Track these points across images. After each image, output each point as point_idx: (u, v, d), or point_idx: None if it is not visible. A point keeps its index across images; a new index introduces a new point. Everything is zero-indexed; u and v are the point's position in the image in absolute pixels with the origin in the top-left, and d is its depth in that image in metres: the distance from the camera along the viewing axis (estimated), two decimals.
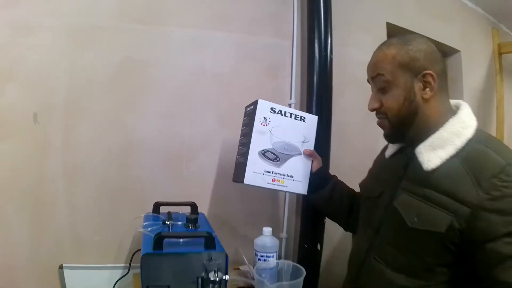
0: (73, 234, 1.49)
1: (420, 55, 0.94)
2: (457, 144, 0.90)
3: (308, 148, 1.32)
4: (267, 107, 1.26)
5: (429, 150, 0.93)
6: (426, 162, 0.92)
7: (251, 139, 1.23)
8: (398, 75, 0.95)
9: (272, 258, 1.26)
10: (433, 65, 0.94)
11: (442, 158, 0.90)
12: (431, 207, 0.88)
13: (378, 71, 0.98)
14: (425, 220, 0.88)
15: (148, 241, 1.04)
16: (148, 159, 1.57)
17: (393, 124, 0.99)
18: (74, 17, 1.48)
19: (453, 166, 0.88)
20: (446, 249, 0.87)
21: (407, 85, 0.95)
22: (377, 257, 1.00)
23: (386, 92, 0.98)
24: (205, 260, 1.00)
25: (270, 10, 1.74)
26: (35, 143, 1.45)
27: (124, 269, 1.49)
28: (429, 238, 0.88)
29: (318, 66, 1.60)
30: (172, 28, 1.60)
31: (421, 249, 0.90)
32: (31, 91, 1.45)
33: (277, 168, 1.25)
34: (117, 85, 1.53)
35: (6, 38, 1.41)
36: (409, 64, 0.94)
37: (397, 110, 0.97)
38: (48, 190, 1.47)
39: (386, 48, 0.98)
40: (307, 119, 1.33)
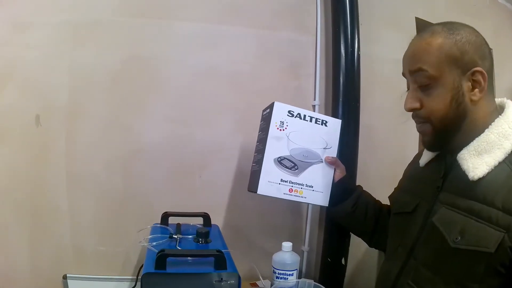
0: (76, 243, 1.46)
1: (470, 48, 0.81)
2: (506, 148, 0.78)
3: (330, 155, 1.22)
4: (284, 110, 1.17)
5: (474, 156, 0.81)
6: (472, 170, 0.80)
7: (266, 145, 1.15)
8: (444, 70, 0.82)
9: (292, 276, 1.17)
10: (483, 61, 0.81)
11: (489, 164, 0.78)
12: (477, 223, 0.76)
13: (420, 65, 0.84)
14: (471, 238, 0.76)
15: (151, 257, 0.94)
16: (156, 166, 1.53)
17: (437, 130, 0.86)
18: (73, 12, 1.45)
19: (503, 174, 0.77)
20: (495, 273, 0.74)
21: (455, 84, 0.82)
22: (411, 282, 0.87)
23: (429, 90, 0.85)
24: (215, 281, 0.90)
25: (291, 1, 1.66)
26: (35, 147, 1.43)
27: (131, 281, 1.44)
28: (475, 259, 0.75)
29: (344, 64, 1.51)
30: (180, 22, 1.55)
31: (465, 273, 0.77)
32: (30, 92, 1.43)
33: (295, 177, 1.16)
34: (121, 86, 1.50)
35: (3, 36, 1.40)
36: (458, 58, 0.81)
37: (443, 113, 0.84)
38: (49, 197, 1.44)
39: (430, 36, 0.84)
40: (330, 123, 1.23)
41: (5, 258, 1.41)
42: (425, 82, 0.84)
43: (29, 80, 1.41)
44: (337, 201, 1.22)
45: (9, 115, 1.39)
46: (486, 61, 0.82)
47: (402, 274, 0.91)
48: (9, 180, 1.40)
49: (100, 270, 1.47)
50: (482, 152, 0.80)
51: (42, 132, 1.42)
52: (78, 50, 1.45)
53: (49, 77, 1.42)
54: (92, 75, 1.46)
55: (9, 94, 1.39)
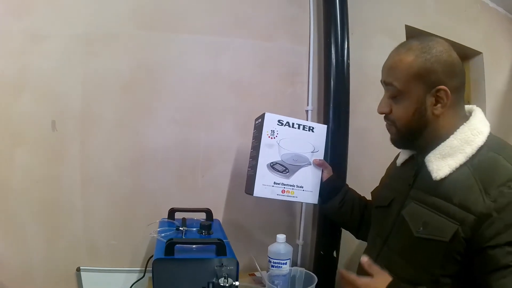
0: (89, 238, 1.54)
1: (438, 67, 0.89)
2: (467, 152, 0.88)
3: (318, 158, 1.33)
4: (274, 120, 1.28)
5: (439, 159, 0.91)
6: (436, 171, 0.90)
7: (259, 152, 1.25)
8: (411, 86, 0.92)
9: (286, 265, 1.27)
10: (451, 79, 0.90)
11: (451, 166, 0.88)
12: (438, 216, 0.87)
13: (391, 80, 0.95)
14: (431, 229, 0.87)
15: (161, 246, 1.05)
16: (163, 166, 1.59)
17: (400, 133, 0.99)
18: (86, 26, 1.51)
19: (463, 175, 0.87)
20: (452, 260, 0.85)
21: (419, 98, 0.92)
22: (385, 269, 0.96)
23: (397, 100, 0.96)
24: (216, 266, 1.01)
25: (286, 14, 1.74)
26: (52, 150, 1.50)
27: (140, 272, 1.53)
28: (435, 248, 0.86)
29: (335, 71, 1.59)
30: (186, 35, 1.62)
31: (429, 260, 0.88)
32: (47, 99, 1.49)
33: (287, 179, 1.27)
34: (130, 93, 1.56)
35: (19, 47, 1.46)
36: (425, 76, 0.90)
37: (405, 121, 0.95)
38: (64, 196, 1.51)
39: (404, 53, 0.93)
40: (316, 129, 1.34)
41: (23, 252, 1.49)
42: (395, 94, 0.95)
43: (45, 88, 1.48)
44: (326, 199, 1.32)
45: (27, 120, 1.46)
46: (454, 79, 0.90)
47: (377, 261, 1.00)
48: (27, 180, 1.47)
49: (111, 262, 1.55)
50: (446, 156, 0.90)
51: (58, 136, 1.49)
52: (91, 60, 1.51)
53: (63, 85, 1.49)
54: (104, 83, 1.53)
55: (26, 101, 1.46)
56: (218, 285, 0.97)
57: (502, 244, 0.77)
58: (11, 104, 1.45)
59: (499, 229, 0.78)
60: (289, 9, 1.74)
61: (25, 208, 1.48)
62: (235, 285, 0.98)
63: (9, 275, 1.47)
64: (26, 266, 1.49)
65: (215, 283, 0.99)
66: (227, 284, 0.97)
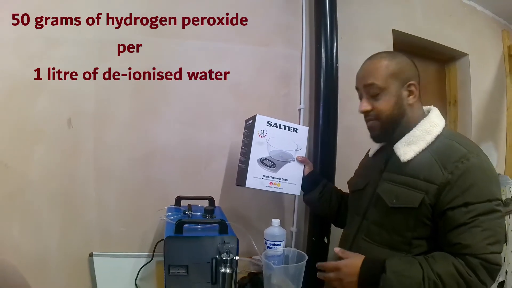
0: (101, 226, 1.64)
1: (406, 67, 1.13)
2: (428, 140, 1.09)
3: (301, 155, 1.50)
4: (264, 121, 1.45)
5: (405, 146, 1.11)
6: (403, 155, 1.10)
7: (251, 149, 1.41)
8: (389, 83, 1.12)
9: (280, 246, 1.40)
10: (415, 77, 1.14)
11: (415, 151, 1.09)
12: (407, 190, 1.06)
13: (372, 80, 1.13)
14: (402, 200, 1.06)
15: (171, 227, 1.20)
16: (170, 161, 1.70)
17: (383, 125, 1.16)
18: (99, 32, 1.61)
19: (425, 157, 1.07)
20: (421, 224, 1.04)
21: (397, 92, 1.12)
22: (365, 237, 1.16)
23: (378, 97, 1.14)
24: (219, 243, 1.16)
25: (281, 22, 1.86)
26: (68, 146, 1.59)
27: (148, 257, 1.63)
28: (407, 214, 1.05)
29: (324, 74, 1.73)
30: (191, 41, 1.72)
31: (401, 225, 1.07)
32: (63, 99, 1.58)
33: (274, 173, 1.44)
34: (140, 94, 1.66)
35: (38, 51, 1.55)
36: (399, 74, 1.12)
37: (389, 112, 1.13)
38: (79, 188, 1.61)
39: (378, 61, 1.14)
40: (299, 130, 1.51)
41: (39, 240, 1.57)
42: (376, 92, 1.13)
43: (62, 89, 1.56)
44: (307, 190, 1.51)
45: (45, 118, 1.55)
46: (417, 77, 1.15)
47: (358, 233, 1.19)
48: (45, 174, 1.56)
49: (122, 248, 1.65)
50: (410, 143, 1.10)
51: (74, 133, 1.59)
52: (103, 64, 1.60)
53: (78, 87, 1.58)
54: (116, 85, 1.62)
55: (44, 101, 1.55)
56: (221, 259, 1.12)
57: (459, 206, 0.98)
58: (30, 104, 1.54)
59: (456, 194, 0.99)
60: (284, 18, 1.86)
61: (42, 199, 1.56)
62: (235, 259, 1.13)
63: (25, 261, 1.55)
64: (42, 252, 1.57)
65: (218, 258, 1.14)
66: (229, 259, 1.11)
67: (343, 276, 1.07)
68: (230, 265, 1.11)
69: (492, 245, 0.96)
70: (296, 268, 1.26)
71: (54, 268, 1.60)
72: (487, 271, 0.95)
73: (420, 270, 0.98)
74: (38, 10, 1.54)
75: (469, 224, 0.96)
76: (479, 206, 0.97)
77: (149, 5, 1.68)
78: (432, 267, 0.97)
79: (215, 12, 1.73)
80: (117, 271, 1.64)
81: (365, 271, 1.05)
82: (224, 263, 1.11)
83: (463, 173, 0.99)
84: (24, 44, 1.54)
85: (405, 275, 0.99)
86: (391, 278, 0.99)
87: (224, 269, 1.11)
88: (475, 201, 0.98)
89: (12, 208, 1.55)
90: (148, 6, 1.67)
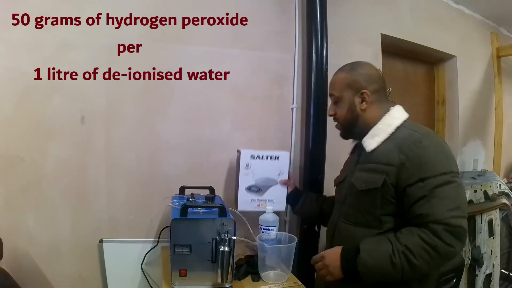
0: (111, 214, 1.75)
1: (360, 78, 1.30)
2: (389, 131, 1.25)
3: (283, 178, 1.71)
4: (248, 155, 1.68)
5: (370, 138, 1.28)
6: (368, 145, 1.28)
7: (239, 180, 1.68)
8: (344, 93, 1.33)
9: (273, 231, 1.54)
10: (370, 85, 1.30)
11: (378, 142, 1.26)
12: (373, 174, 1.23)
13: (332, 91, 1.38)
14: (369, 183, 1.23)
15: (176, 211, 1.35)
16: (174, 155, 1.81)
17: (343, 126, 1.38)
18: (107, 37, 1.69)
19: (387, 146, 1.23)
20: (387, 201, 1.20)
21: (350, 100, 1.32)
22: (343, 219, 1.33)
23: (337, 104, 1.36)
24: (218, 225, 1.31)
25: (276, 29, 1.98)
26: (80, 141, 1.68)
27: (154, 243, 1.76)
28: (373, 194, 1.21)
29: (315, 76, 1.87)
30: (193, 46, 1.82)
31: (370, 205, 1.23)
32: (76, 99, 1.67)
33: (260, 196, 1.69)
34: (147, 94, 1.76)
35: (52, 55, 1.63)
36: (352, 84, 1.31)
37: (344, 117, 1.35)
38: (90, 180, 1.71)
39: (338, 74, 1.37)
40: (281, 157, 1.72)
41: (53, 228, 1.67)
42: (336, 100, 1.37)
43: (75, 89, 1.64)
44: (293, 205, 1.72)
45: (59, 116, 1.64)
46: (374, 85, 1.30)
47: (339, 218, 1.36)
48: (58, 167, 1.65)
49: (129, 234, 1.76)
50: (374, 136, 1.28)
51: (86, 129, 1.68)
52: (113, 66, 1.68)
53: (91, 87, 1.66)
54: (125, 85, 1.70)
55: (58, 100, 1.63)
56: (220, 239, 1.27)
57: (416, 182, 1.13)
58: (46, 102, 1.63)
59: (411, 172, 1.14)
60: (278, 25, 1.98)
61: (55, 191, 1.66)
62: (233, 239, 1.29)
63: (39, 248, 1.66)
64: (55, 239, 1.67)
65: (218, 239, 1.29)
66: (227, 238, 1.27)
67: (328, 262, 1.24)
68: (228, 244, 1.26)
69: (452, 211, 1.09)
70: (287, 248, 1.42)
71: (66, 254, 1.71)
72: (451, 234, 1.07)
73: (389, 245, 1.13)
74: (52, 15, 1.62)
75: (427, 197, 1.11)
76: (434, 180, 1.11)
77: (149, 5, 1.75)
78: (399, 241, 1.12)
79: (215, 12, 1.82)
80: (125, 256, 1.75)
81: (344, 255, 1.22)
82: (223, 243, 1.26)
83: (416, 154, 1.15)
84: (40, 47, 1.63)
85: (377, 251, 1.15)
86: (364, 257, 1.16)
87: (223, 247, 1.26)
88: (429, 175, 1.12)
89: (27, 199, 1.65)
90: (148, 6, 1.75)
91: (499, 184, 2.78)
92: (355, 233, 1.26)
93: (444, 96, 3.00)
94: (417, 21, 2.55)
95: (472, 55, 3.02)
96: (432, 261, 1.09)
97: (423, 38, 2.58)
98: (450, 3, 2.80)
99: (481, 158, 3.18)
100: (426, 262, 1.09)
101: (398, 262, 1.10)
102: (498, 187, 2.76)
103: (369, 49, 2.25)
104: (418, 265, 1.09)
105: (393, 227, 1.20)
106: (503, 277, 2.70)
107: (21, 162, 1.63)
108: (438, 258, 1.09)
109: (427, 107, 3.02)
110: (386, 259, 1.12)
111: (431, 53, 2.77)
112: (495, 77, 3.19)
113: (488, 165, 3.19)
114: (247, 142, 1.89)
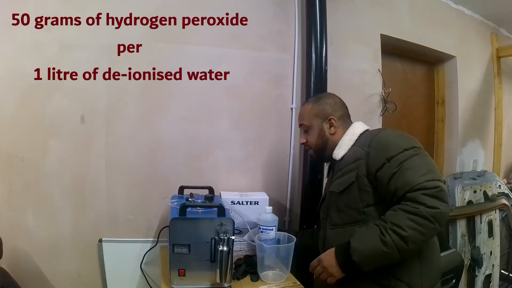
0: (110, 214, 1.75)
1: (326, 107, 1.44)
2: (353, 139, 1.38)
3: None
4: (228, 201, 1.70)
5: (338, 149, 1.40)
6: (336, 154, 1.40)
7: None
8: (312, 121, 1.45)
9: (272, 231, 1.54)
10: (336, 111, 1.44)
11: (345, 149, 1.37)
12: (346, 175, 1.32)
13: (301, 121, 1.50)
14: (344, 183, 1.32)
15: (175, 211, 1.35)
16: (173, 154, 1.82)
17: (315, 152, 1.48)
18: (110, 37, 1.70)
19: (353, 149, 1.35)
20: (365, 192, 1.27)
21: (319, 127, 1.44)
22: (331, 227, 1.37)
23: (308, 132, 1.48)
24: (217, 225, 1.31)
25: (275, 29, 1.99)
26: (81, 140, 1.69)
27: (153, 242, 1.76)
28: (352, 190, 1.29)
29: (314, 76, 1.87)
30: (192, 46, 1.83)
31: (351, 200, 1.30)
32: (76, 98, 1.68)
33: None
34: (147, 94, 1.77)
35: (54, 55, 1.65)
36: (319, 113, 1.44)
37: (315, 143, 1.46)
38: (90, 180, 1.72)
39: (306, 105, 1.49)
40: (260, 201, 1.75)
41: (53, 226, 1.68)
42: (306, 129, 1.48)
43: (74, 89, 1.66)
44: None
45: (59, 116, 1.65)
46: (339, 111, 1.44)
47: (326, 227, 1.40)
48: (59, 166, 1.67)
49: (129, 234, 1.76)
50: (341, 146, 1.39)
51: (86, 129, 1.69)
52: (113, 66, 1.70)
53: (91, 86, 1.67)
54: (125, 85, 1.72)
55: (59, 99, 1.65)
56: (219, 239, 1.28)
57: (384, 163, 1.21)
58: (46, 102, 1.65)
59: (377, 157, 1.24)
60: (277, 25, 1.99)
61: (56, 189, 1.67)
62: (231, 239, 1.29)
63: (39, 246, 1.67)
64: (55, 238, 1.68)
65: (217, 238, 1.29)
66: (226, 238, 1.27)
67: (325, 264, 1.26)
68: (227, 243, 1.26)
69: (424, 175, 1.14)
70: (286, 248, 1.42)
71: (66, 253, 1.72)
72: (431, 196, 1.10)
73: (376, 228, 1.16)
74: (54, 16, 1.64)
75: (397, 172, 1.17)
76: (399, 156, 1.19)
77: (149, 5, 1.77)
78: (385, 221, 1.16)
79: (215, 12, 1.83)
80: (124, 255, 1.76)
81: (338, 253, 1.24)
82: (221, 242, 1.26)
83: (377, 141, 1.27)
84: (41, 48, 1.65)
85: (366, 236, 1.18)
86: (356, 245, 1.18)
87: (222, 247, 1.26)
88: (394, 153, 1.20)
89: (27, 198, 1.66)
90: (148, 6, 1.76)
91: (499, 184, 2.79)
92: (344, 233, 1.29)
93: (443, 97, 3.00)
94: (417, 22, 2.54)
95: (472, 55, 3.01)
96: (422, 227, 1.10)
97: (422, 38, 2.58)
98: (450, 3, 2.80)
99: (481, 159, 3.17)
100: (416, 231, 1.10)
101: (389, 239, 1.12)
102: (497, 187, 2.77)
103: (368, 49, 2.25)
104: (409, 236, 1.10)
105: (377, 216, 1.24)
106: (502, 278, 2.70)
107: (21, 161, 1.65)
108: (426, 223, 1.09)
109: (426, 108, 3.01)
110: (376, 240, 1.14)
111: (430, 53, 2.77)
112: (495, 78, 3.18)
113: (487, 166, 3.18)
114: (247, 142, 1.91)
